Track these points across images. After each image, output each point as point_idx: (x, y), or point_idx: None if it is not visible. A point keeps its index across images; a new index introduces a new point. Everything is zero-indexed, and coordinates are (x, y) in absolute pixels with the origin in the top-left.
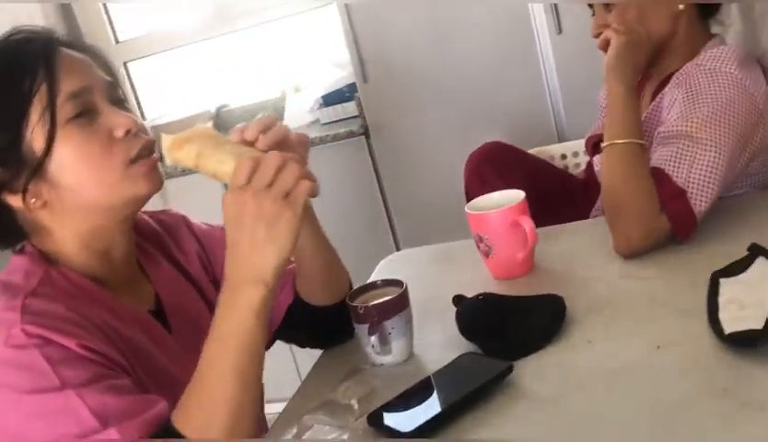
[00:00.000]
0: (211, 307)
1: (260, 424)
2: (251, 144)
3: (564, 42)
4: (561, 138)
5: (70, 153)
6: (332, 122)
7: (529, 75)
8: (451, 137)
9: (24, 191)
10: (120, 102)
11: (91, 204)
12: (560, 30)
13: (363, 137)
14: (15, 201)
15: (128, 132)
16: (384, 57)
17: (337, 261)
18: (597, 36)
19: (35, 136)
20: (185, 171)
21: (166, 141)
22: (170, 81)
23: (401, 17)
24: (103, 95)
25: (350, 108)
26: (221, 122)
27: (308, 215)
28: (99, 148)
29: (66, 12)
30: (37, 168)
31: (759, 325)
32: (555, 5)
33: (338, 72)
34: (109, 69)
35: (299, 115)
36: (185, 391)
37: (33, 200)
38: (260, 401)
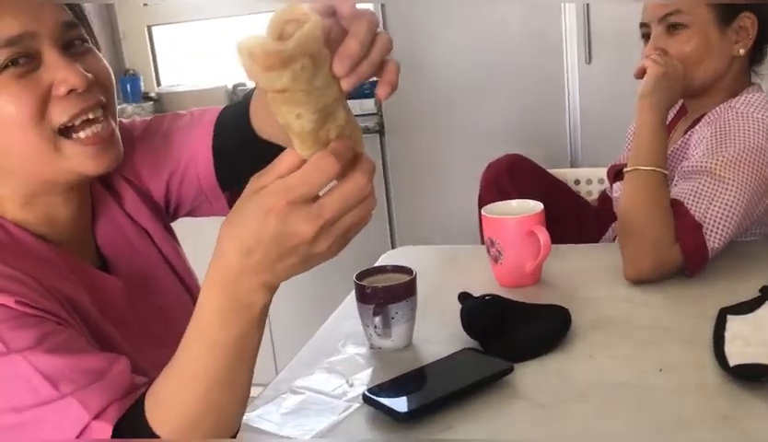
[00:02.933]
0: (171, 266)
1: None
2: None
3: (591, 72)
4: (573, 164)
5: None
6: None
7: (553, 98)
8: (465, 148)
9: None
10: (76, 45)
11: (26, 170)
12: (589, 60)
13: (378, 135)
14: None
15: (72, 90)
16: (411, 60)
17: None
18: None
19: None
20: None
21: (255, 45)
22: (192, 52)
23: (434, 23)
24: (53, 40)
25: (368, 105)
26: (236, 99)
27: None
28: (31, 108)
29: None
30: None
31: (766, 361)
32: (589, 35)
33: None
34: (68, 5)
35: None
36: (163, 389)
37: None
38: (247, 395)
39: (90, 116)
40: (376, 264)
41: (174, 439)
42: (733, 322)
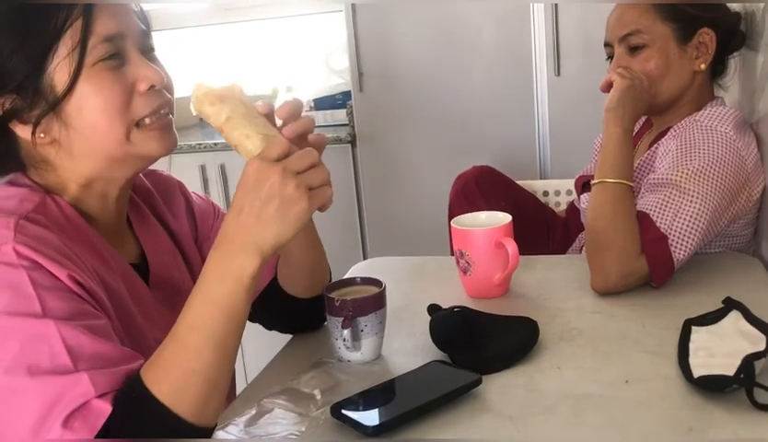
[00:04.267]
0: (193, 273)
1: (231, 398)
2: (274, 123)
3: (560, 84)
4: (542, 176)
5: (91, 95)
6: (321, 126)
7: (523, 110)
8: (436, 159)
9: (35, 125)
10: (150, 51)
11: (99, 153)
12: (558, 72)
13: (349, 145)
14: (23, 131)
15: (152, 87)
16: (383, 71)
17: (324, 259)
18: None
19: (58, 72)
20: None
21: (199, 89)
22: (162, 61)
23: (404, 35)
24: (135, 43)
25: (340, 115)
26: None
27: None
28: (120, 98)
29: None
30: (54, 105)
31: (729, 372)
32: (558, 48)
33: (334, 78)
34: (143, 17)
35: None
36: (159, 349)
37: (42, 135)
38: (232, 371)
39: (163, 112)
40: (345, 276)
41: (165, 400)
42: (698, 334)
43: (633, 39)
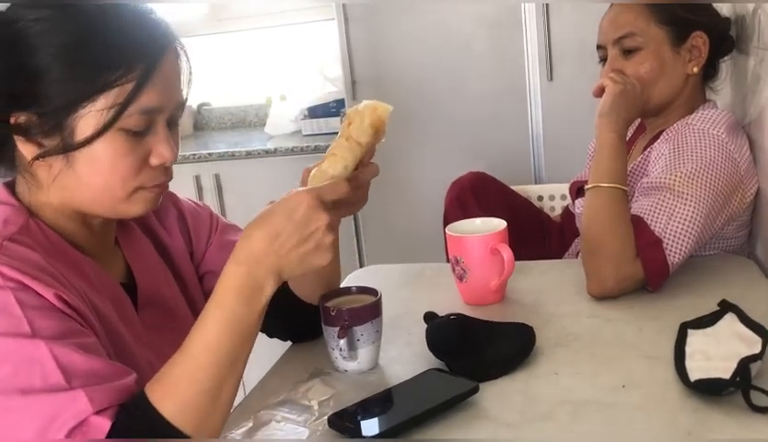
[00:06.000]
0: (187, 289)
1: None
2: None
3: (553, 90)
4: (537, 181)
5: (104, 156)
6: (314, 134)
7: (516, 115)
8: (430, 166)
9: (40, 153)
10: (175, 125)
11: (87, 199)
12: (551, 78)
13: None
14: (24, 147)
15: (163, 164)
16: (376, 78)
17: (339, 265)
18: None
19: (86, 119)
20: None
21: (387, 110)
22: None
23: (398, 41)
24: (167, 116)
25: (334, 123)
26: (201, 119)
27: None
28: (131, 166)
29: None
30: (67, 149)
31: (726, 375)
32: (550, 53)
33: (327, 86)
34: (188, 80)
35: (282, 123)
36: (169, 365)
37: (41, 160)
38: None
39: (163, 187)
40: (342, 284)
41: (170, 417)
42: (694, 337)
43: (627, 41)
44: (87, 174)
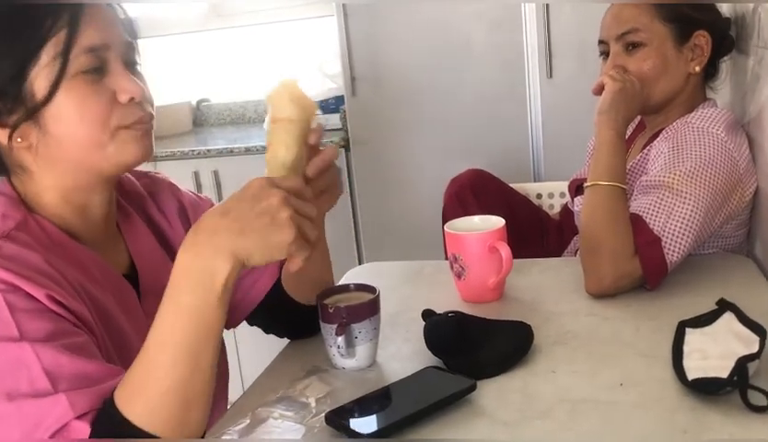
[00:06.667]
0: None
1: (223, 404)
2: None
3: (552, 87)
4: (536, 178)
5: (69, 106)
6: None
7: (515, 112)
8: (429, 162)
9: (12, 129)
10: (133, 65)
11: (75, 161)
12: (550, 75)
13: (343, 150)
14: (0, 135)
15: (132, 99)
16: (376, 75)
17: (329, 266)
18: None
19: (39, 79)
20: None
21: (292, 81)
22: (156, 67)
23: (398, 38)
24: (119, 54)
25: (333, 120)
26: (200, 115)
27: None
28: (99, 109)
29: None
30: (32, 111)
31: (723, 375)
32: (550, 50)
33: (327, 82)
34: (131, 29)
35: None
36: (131, 368)
37: (19, 139)
38: (212, 385)
39: (144, 123)
40: (340, 282)
41: (138, 422)
42: (691, 335)
43: (630, 36)
44: (63, 132)
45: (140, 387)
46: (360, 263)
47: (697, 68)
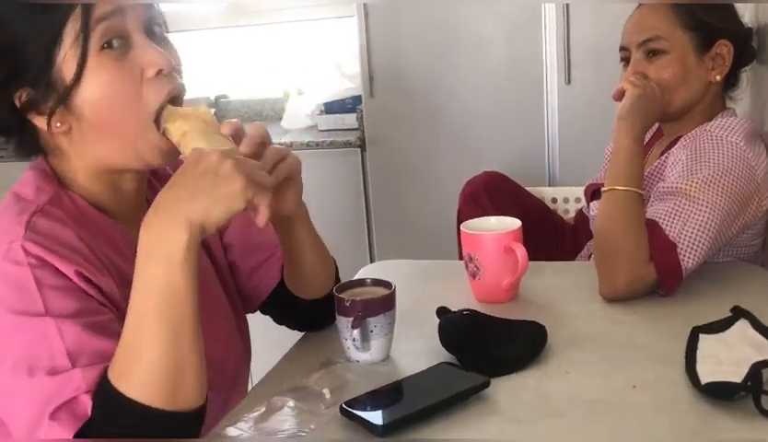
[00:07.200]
0: (211, 254)
1: (243, 381)
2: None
3: (570, 93)
4: (551, 183)
5: (96, 88)
6: (330, 129)
7: (533, 117)
8: (445, 164)
9: (50, 115)
10: (156, 34)
11: (109, 144)
12: (569, 81)
13: (359, 149)
14: (40, 122)
15: (160, 71)
16: (394, 76)
17: (326, 262)
18: None
19: (66, 63)
20: None
21: (166, 111)
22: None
23: (417, 40)
24: (138, 23)
25: (350, 120)
26: (219, 111)
27: (301, 216)
28: (126, 89)
29: None
30: (64, 95)
31: (737, 380)
32: (569, 56)
33: (344, 82)
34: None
35: (298, 118)
36: (118, 346)
37: (58, 124)
38: (200, 349)
39: (176, 95)
40: (355, 277)
41: (133, 395)
42: (705, 341)
43: (652, 44)
44: (93, 115)
45: (128, 362)
46: (372, 261)
47: (718, 77)
